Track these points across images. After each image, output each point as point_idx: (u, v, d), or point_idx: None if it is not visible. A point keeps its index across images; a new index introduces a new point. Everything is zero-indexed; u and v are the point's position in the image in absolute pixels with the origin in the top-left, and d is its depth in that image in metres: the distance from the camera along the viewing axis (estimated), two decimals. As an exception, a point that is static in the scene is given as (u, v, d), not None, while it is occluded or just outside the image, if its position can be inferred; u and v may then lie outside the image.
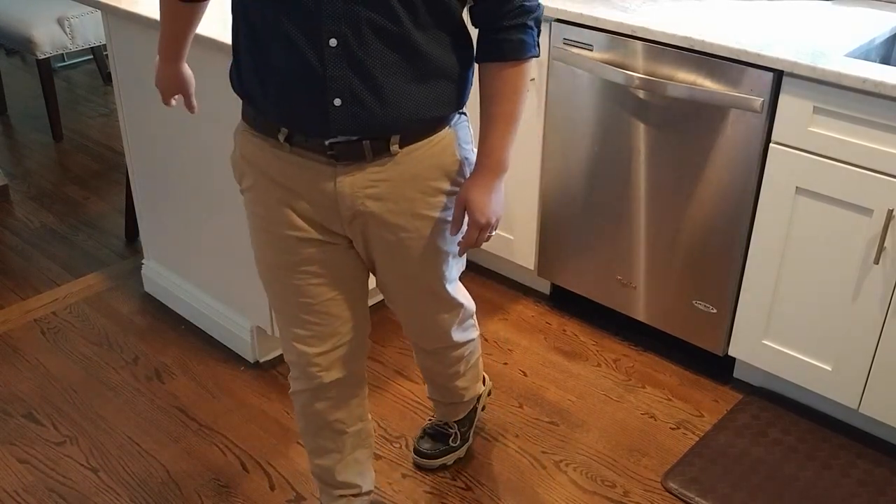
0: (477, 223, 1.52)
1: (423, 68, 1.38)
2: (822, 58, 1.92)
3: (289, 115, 1.41)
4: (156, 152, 2.46)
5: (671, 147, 2.21)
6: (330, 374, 1.65)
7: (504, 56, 1.43)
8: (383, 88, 1.36)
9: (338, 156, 1.43)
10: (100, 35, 3.85)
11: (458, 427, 2.11)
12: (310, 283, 1.56)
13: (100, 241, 3.10)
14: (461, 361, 1.91)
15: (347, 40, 1.32)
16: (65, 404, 2.32)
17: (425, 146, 1.47)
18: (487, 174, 1.50)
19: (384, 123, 1.40)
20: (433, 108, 1.43)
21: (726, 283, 2.24)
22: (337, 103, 1.36)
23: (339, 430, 1.75)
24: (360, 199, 1.47)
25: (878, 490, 2.06)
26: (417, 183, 1.49)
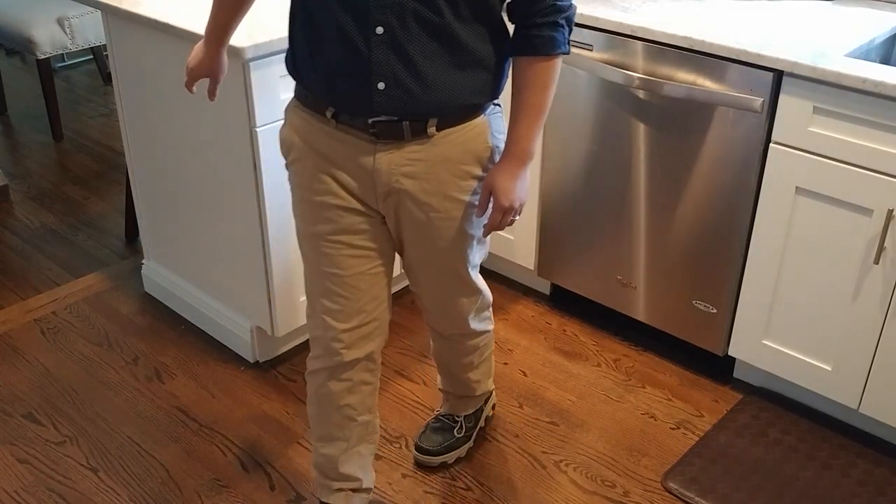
0: (501, 207, 1.60)
1: (461, 58, 1.48)
2: (822, 58, 1.92)
3: (336, 96, 1.52)
4: (156, 152, 2.46)
5: (671, 147, 2.21)
6: (351, 353, 1.72)
7: (534, 51, 1.52)
8: (423, 74, 1.46)
9: (379, 134, 1.53)
10: (100, 35, 3.85)
11: (465, 420, 2.12)
12: (343, 254, 1.65)
13: (100, 241, 3.10)
14: (476, 352, 1.98)
15: (393, 29, 1.42)
16: (65, 404, 2.32)
17: (460, 131, 1.57)
18: (513, 161, 1.59)
19: (423, 107, 1.50)
20: (469, 95, 1.53)
21: (726, 283, 2.24)
22: (380, 87, 1.46)
23: (349, 416, 1.79)
24: (396, 177, 1.57)
25: (878, 490, 2.06)
26: (450, 165, 1.58)
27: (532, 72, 1.53)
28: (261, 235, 2.22)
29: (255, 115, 2.05)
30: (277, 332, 2.35)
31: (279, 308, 2.31)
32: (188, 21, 2.08)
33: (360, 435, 1.82)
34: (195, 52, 1.83)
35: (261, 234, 2.22)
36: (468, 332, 1.90)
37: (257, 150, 2.09)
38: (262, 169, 2.11)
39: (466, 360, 2.00)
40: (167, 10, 2.17)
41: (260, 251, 2.24)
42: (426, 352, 2.51)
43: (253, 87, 2.02)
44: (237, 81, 2.03)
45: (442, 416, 2.15)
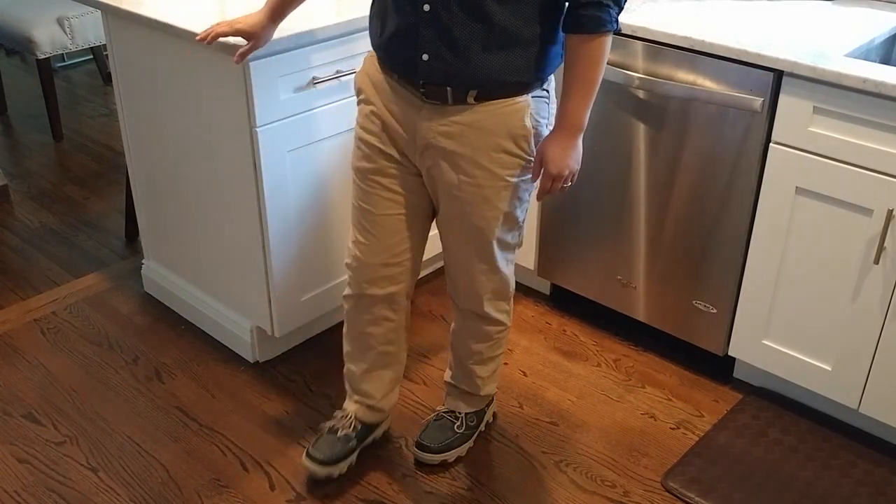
0: (549, 174, 1.72)
1: (499, 38, 1.60)
2: (822, 58, 1.92)
3: (392, 61, 1.72)
4: (156, 152, 2.46)
5: (671, 147, 2.21)
6: (372, 289, 1.91)
7: (582, 29, 1.61)
8: (463, 52, 1.61)
9: (427, 94, 1.70)
10: (100, 35, 3.85)
11: (466, 419, 2.13)
12: (377, 193, 1.83)
13: (100, 241, 3.10)
14: (487, 342, 2.03)
15: (437, 8, 1.59)
16: (65, 404, 2.32)
17: (498, 105, 1.68)
18: (563, 132, 1.70)
19: (462, 79, 1.65)
20: (508, 74, 1.65)
21: (726, 283, 2.24)
22: (424, 58, 1.64)
23: (369, 344, 1.99)
24: (434, 134, 1.72)
25: (878, 490, 2.06)
26: (485, 135, 1.70)
27: (580, 49, 1.63)
28: (261, 235, 2.22)
29: (255, 115, 2.05)
30: (277, 332, 2.35)
31: (279, 308, 2.31)
32: (188, 21, 2.08)
33: (380, 362, 2.02)
34: (247, 16, 1.91)
35: (261, 234, 2.22)
36: (481, 314, 1.96)
37: (257, 150, 2.09)
38: (262, 169, 2.11)
39: (475, 347, 2.04)
40: (167, 10, 2.17)
41: (260, 251, 2.24)
42: (427, 352, 2.51)
43: (253, 87, 2.02)
44: (237, 81, 2.03)
45: (444, 413, 2.15)
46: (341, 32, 2.13)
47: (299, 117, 2.15)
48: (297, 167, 2.20)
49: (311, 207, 2.29)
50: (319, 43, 2.11)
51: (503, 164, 1.73)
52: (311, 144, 2.21)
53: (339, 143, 2.27)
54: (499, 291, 1.94)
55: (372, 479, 2.09)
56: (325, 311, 2.48)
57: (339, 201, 2.34)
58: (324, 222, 2.34)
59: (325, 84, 2.16)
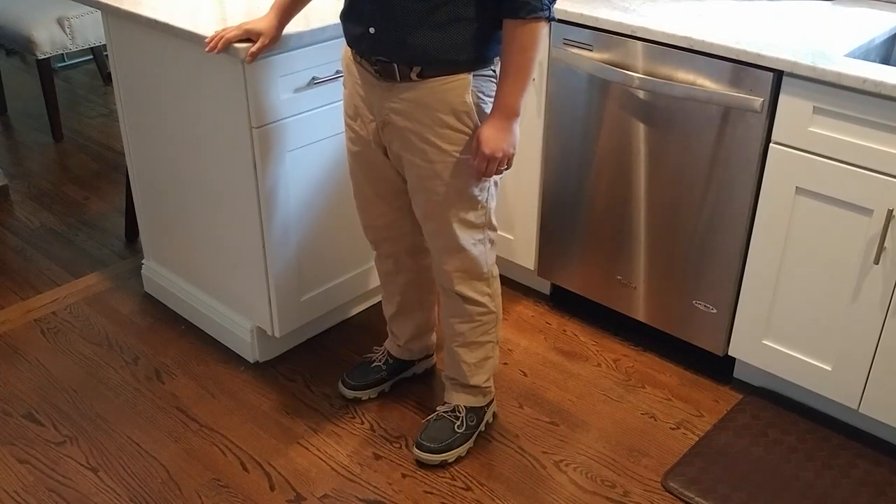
0: (482, 154, 1.78)
1: (439, 16, 1.67)
2: (822, 58, 1.92)
3: (350, 38, 1.83)
4: (156, 152, 2.46)
5: (671, 147, 2.21)
6: (379, 248, 2.13)
7: (515, 14, 1.67)
8: (405, 27, 1.69)
9: (380, 72, 1.78)
10: (100, 35, 3.85)
11: (466, 417, 2.13)
12: (358, 169, 1.99)
13: (100, 241, 3.10)
14: (469, 322, 2.05)
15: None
16: (65, 404, 2.32)
17: (440, 82, 1.75)
18: (498, 114, 1.77)
19: (405, 55, 1.72)
20: (448, 51, 1.71)
21: (726, 283, 2.24)
22: (371, 31, 1.74)
23: (392, 291, 2.21)
24: (387, 112, 1.82)
25: (878, 490, 2.06)
26: (428, 111, 1.78)
27: (512, 34, 1.68)
28: (261, 235, 2.22)
29: (254, 115, 2.05)
30: (277, 332, 2.35)
31: (279, 308, 2.31)
32: (188, 21, 2.08)
33: (402, 309, 2.22)
34: (256, 20, 1.96)
35: (261, 234, 2.22)
36: (455, 292, 2.00)
37: (257, 150, 2.09)
38: (262, 169, 2.11)
39: (458, 328, 2.07)
40: (167, 10, 2.17)
41: (260, 251, 2.24)
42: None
43: (252, 88, 2.02)
44: (237, 81, 2.03)
45: (444, 412, 2.15)
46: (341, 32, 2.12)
47: (299, 117, 2.15)
48: (297, 167, 2.20)
49: (311, 207, 2.29)
50: (319, 43, 2.11)
51: (448, 139, 1.79)
52: (311, 144, 2.21)
53: (338, 143, 2.27)
54: (470, 271, 1.97)
55: (372, 479, 2.09)
56: (325, 311, 2.48)
57: (339, 201, 2.34)
58: (323, 222, 2.34)
59: (325, 84, 2.16)
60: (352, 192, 2.09)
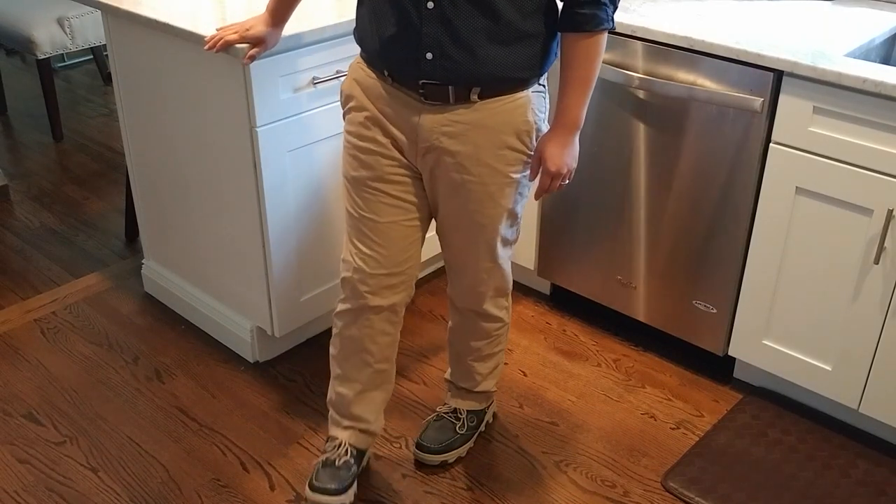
0: (548, 171, 1.73)
1: (506, 33, 1.59)
2: (822, 58, 1.92)
3: (391, 62, 1.68)
4: (156, 152, 2.46)
5: (671, 147, 2.21)
6: (375, 300, 1.84)
7: (579, 27, 1.62)
8: (469, 48, 1.59)
9: (426, 95, 1.66)
10: (100, 35, 3.85)
11: (467, 419, 2.13)
12: (380, 201, 1.78)
13: (100, 241, 3.10)
14: (486, 339, 2.02)
15: (442, 4, 1.56)
16: (65, 404, 2.32)
17: (502, 102, 1.67)
18: (562, 130, 1.71)
19: (467, 77, 1.63)
20: (513, 70, 1.64)
21: (726, 283, 2.24)
22: (428, 57, 1.61)
23: (366, 361, 1.92)
24: (437, 135, 1.69)
25: (878, 490, 2.06)
26: (489, 133, 1.69)
27: (577, 47, 1.64)
28: (261, 235, 2.22)
29: (255, 115, 2.05)
30: (277, 332, 2.35)
31: (279, 308, 2.31)
32: (188, 21, 2.08)
33: (375, 381, 1.95)
34: (255, 22, 1.92)
35: (261, 234, 2.22)
36: (481, 312, 1.96)
37: (257, 150, 2.09)
38: (262, 169, 2.11)
39: (475, 345, 2.03)
40: (167, 10, 2.17)
41: (260, 251, 2.24)
42: (426, 352, 2.51)
43: (253, 87, 2.02)
44: (237, 81, 2.03)
45: (444, 413, 2.15)
46: (341, 32, 2.13)
47: (299, 117, 2.15)
48: (297, 167, 2.20)
49: (311, 207, 2.29)
50: (319, 43, 2.11)
51: (507, 160, 1.73)
52: (311, 144, 2.21)
53: (338, 143, 2.27)
54: (500, 288, 1.95)
55: (372, 479, 2.09)
56: (325, 311, 2.48)
57: (340, 201, 2.33)
58: (324, 222, 2.34)
59: (325, 84, 2.16)
60: None
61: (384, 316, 1.87)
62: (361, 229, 1.81)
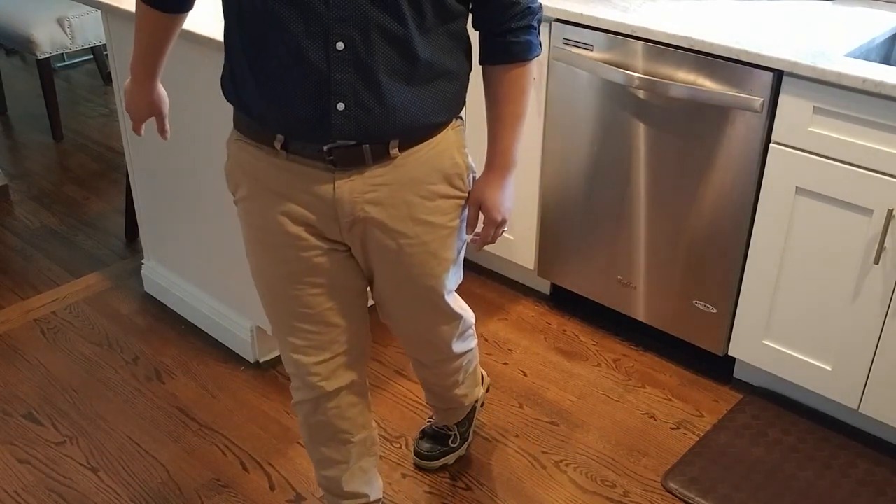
0: (493, 221, 1.56)
1: (424, 72, 1.38)
2: (822, 58, 1.92)
3: (287, 121, 1.39)
4: (156, 152, 2.46)
5: (671, 147, 2.21)
6: (331, 383, 1.63)
7: (512, 57, 1.46)
8: (387, 93, 1.36)
9: (336, 161, 1.42)
10: (100, 35, 3.85)
11: (458, 428, 2.12)
12: (308, 294, 1.54)
13: (100, 241, 3.10)
14: (460, 371, 1.90)
15: (355, 44, 1.31)
16: (65, 404, 2.32)
17: (425, 148, 1.47)
18: (499, 172, 1.54)
19: (385, 128, 1.39)
20: (434, 112, 1.44)
21: (726, 283, 2.24)
22: (340, 108, 1.35)
23: (344, 440, 1.72)
24: (360, 205, 1.46)
25: (878, 490, 2.06)
26: (417, 186, 1.48)
27: (509, 79, 1.47)
28: (261, 235, 2.21)
29: (255, 115, 2.05)
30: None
31: (279, 308, 2.31)
32: (188, 21, 2.08)
33: (359, 453, 1.76)
34: (129, 95, 1.70)
35: (261, 234, 2.21)
36: (451, 356, 1.81)
37: (257, 150, 2.09)
38: (262, 169, 2.11)
39: (451, 381, 1.91)
40: (167, 10, 2.16)
41: (260, 251, 2.24)
42: None
43: (253, 87, 2.01)
44: (237, 81, 2.03)
45: (435, 426, 2.13)
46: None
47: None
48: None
49: (311, 207, 2.28)
50: (319, 43, 2.10)
51: (443, 210, 1.52)
52: (311, 144, 2.20)
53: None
54: (462, 329, 1.76)
55: (372, 479, 2.09)
56: (325, 311, 2.48)
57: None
58: (324, 222, 2.33)
59: (325, 84, 2.16)
60: None
61: (345, 393, 1.66)
62: (293, 324, 1.58)
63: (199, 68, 2.14)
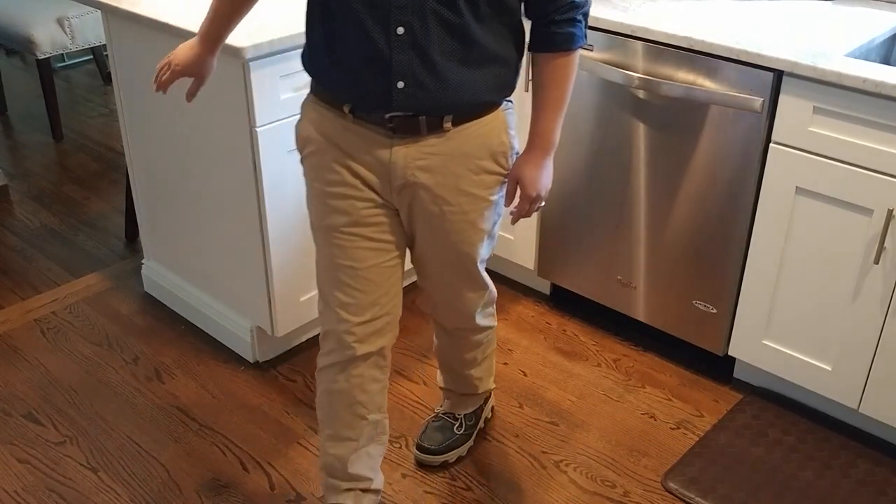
0: (528, 197, 1.68)
1: (478, 56, 1.52)
2: (822, 58, 1.92)
3: (354, 94, 1.57)
4: (156, 152, 2.46)
5: (671, 147, 2.21)
6: (363, 347, 1.73)
7: (554, 47, 1.57)
8: (442, 74, 1.50)
9: (395, 129, 1.57)
10: (100, 35, 3.85)
11: (465, 419, 2.13)
12: (358, 246, 1.67)
13: (100, 241, 3.10)
14: (478, 348, 2.01)
15: (413, 29, 1.46)
16: (65, 404, 2.32)
17: (475, 126, 1.61)
18: (539, 152, 1.66)
19: (440, 104, 1.54)
20: (486, 92, 1.58)
21: (726, 283, 2.24)
22: (400, 85, 1.50)
23: (360, 414, 1.79)
24: (412, 170, 1.60)
25: (878, 490, 2.06)
26: (465, 160, 1.62)
27: (552, 67, 1.59)
28: (261, 235, 2.22)
29: (255, 115, 2.05)
30: (277, 332, 2.35)
31: (279, 308, 2.31)
32: (188, 21, 2.08)
33: (370, 435, 1.82)
34: (183, 51, 1.81)
35: (261, 234, 2.22)
36: (473, 327, 1.94)
37: (257, 150, 2.09)
38: (262, 169, 2.11)
39: (469, 356, 2.02)
40: (167, 10, 2.17)
41: (260, 251, 2.24)
42: (426, 352, 2.51)
43: (253, 87, 2.02)
44: (237, 81, 2.03)
45: (442, 414, 2.15)
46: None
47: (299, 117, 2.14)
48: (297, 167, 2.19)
49: (311, 207, 2.28)
50: (319, 43, 2.10)
51: (486, 184, 1.66)
52: (311, 144, 2.21)
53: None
54: (486, 301, 1.91)
55: (372, 479, 2.09)
56: (325, 311, 2.48)
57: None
58: (324, 222, 2.34)
59: (325, 84, 2.16)
60: None
61: (373, 362, 1.75)
62: (341, 278, 1.69)
63: (199, 68, 2.14)
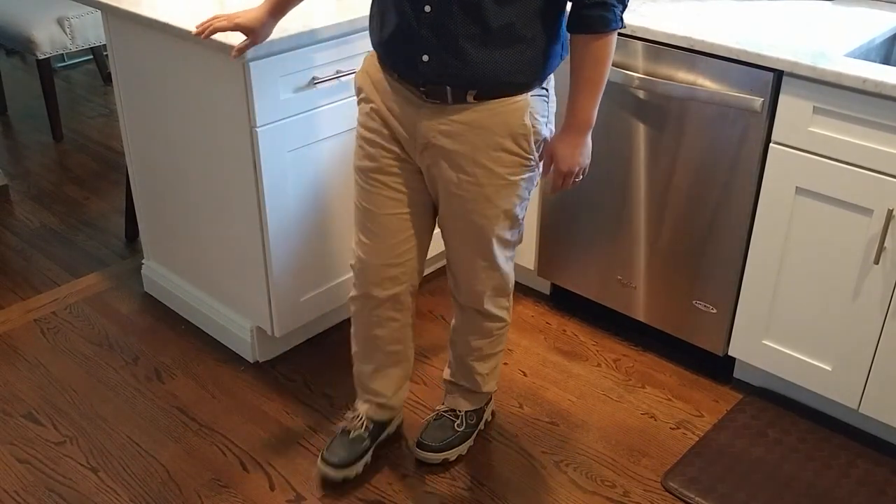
0: (560, 171, 1.78)
1: (500, 38, 1.61)
2: (822, 58, 1.92)
3: (392, 61, 1.73)
4: (156, 152, 2.46)
5: (671, 147, 2.21)
6: (376, 290, 1.91)
7: (588, 29, 1.63)
8: (463, 52, 1.62)
9: (427, 93, 1.70)
10: (100, 35, 3.85)
11: (466, 416, 2.13)
12: (380, 192, 1.83)
13: (100, 241, 3.10)
14: (487, 338, 2.04)
15: (439, 8, 1.59)
16: (65, 404, 2.32)
17: (498, 104, 1.69)
18: (572, 131, 1.75)
19: (462, 79, 1.66)
20: (508, 74, 1.66)
21: (726, 283, 2.24)
22: (424, 59, 1.65)
23: (376, 345, 2.00)
24: (434, 134, 1.73)
25: (878, 490, 2.06)
26: (484, 134, 1.71)
27: (587, 49, 1.65)
28: (261, 235, 2.22)
29: (255, 115, 2.05)
30: (277, 332, 2.35)
31: (279, 308, 2.31)
32: (188, 20, 2.08)
33: (388, 362, 2.02)
34: (247, 11, 1.92)
35: (261, 234, 2.22)
36: (482, 311, 1.98)
37: (257, 150, 2.09)
38: (262, 169, 2.11)
39: (476, 344, 2.04)
40: (167, 10, 2.17)
41: (260, 251, 2.24)
42: (427, 352, 2.51)
43: (253, 87, 2.02)
44: (237, 81, 2.03)
45: (444, 412, 2.16)
46: (341, 32, 2.13)
47: (299, 117, 2.15)
48: (297, 167, 2.20)
49: (311, 207, 2.29)
50: (319, 43, 2.11)
51: (503, 162, 1.74)
52: (311, 144, 2.21)
53: (339, 143, 2.27)
54: (499, 288, 1.95)
55: (372, 479, 2.09)
56: (325, 311, 2.48)
57: (339, 201, 2.34)
58: (324, 222, 2.34)
59: (325, 84, 2.16)
60: None
61: (388, 305, 1.93)
62: (363, 220, 1.87)
63: (200, 68, 2.14)
